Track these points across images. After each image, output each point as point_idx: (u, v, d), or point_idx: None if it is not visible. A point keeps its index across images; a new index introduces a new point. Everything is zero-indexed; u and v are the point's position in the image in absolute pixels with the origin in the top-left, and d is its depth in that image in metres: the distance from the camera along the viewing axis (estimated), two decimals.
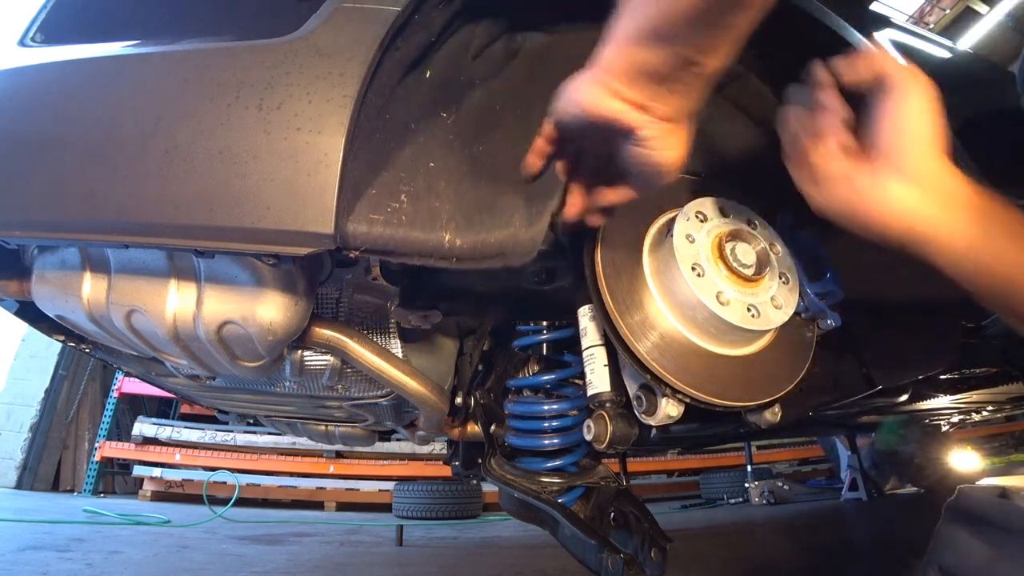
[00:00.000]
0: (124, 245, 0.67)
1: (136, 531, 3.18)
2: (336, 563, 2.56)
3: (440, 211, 0.74)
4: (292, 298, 0.80)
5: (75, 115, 0.68)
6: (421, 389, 1.03)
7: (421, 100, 0.83)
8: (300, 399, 1.29)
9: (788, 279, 0.86)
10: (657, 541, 1.11)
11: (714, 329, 0.80)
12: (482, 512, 4.72)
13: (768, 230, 0.89)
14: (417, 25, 0.74)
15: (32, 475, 5.20)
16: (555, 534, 1.23)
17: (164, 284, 0.80)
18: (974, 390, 1.90)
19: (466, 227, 0.75)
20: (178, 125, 0.63)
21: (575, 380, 1.16)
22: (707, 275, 0.79)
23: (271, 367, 0.96)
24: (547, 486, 1.14)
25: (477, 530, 3.94)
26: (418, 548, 3.05)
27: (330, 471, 5.12)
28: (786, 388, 0.86)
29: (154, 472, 4.98)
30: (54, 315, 0.89)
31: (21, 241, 0.78)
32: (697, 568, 2.25)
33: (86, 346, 1.16)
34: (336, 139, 0.62)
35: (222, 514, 3.96)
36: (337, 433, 1.77)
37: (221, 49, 0.68)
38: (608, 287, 0.82)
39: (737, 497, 5.01)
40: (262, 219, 0.61)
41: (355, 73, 0.64)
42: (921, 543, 0.69)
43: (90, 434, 5.49)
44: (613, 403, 0.88)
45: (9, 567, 2.09)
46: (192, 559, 2.47)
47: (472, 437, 1.43)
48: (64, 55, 0.76)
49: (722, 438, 2.69)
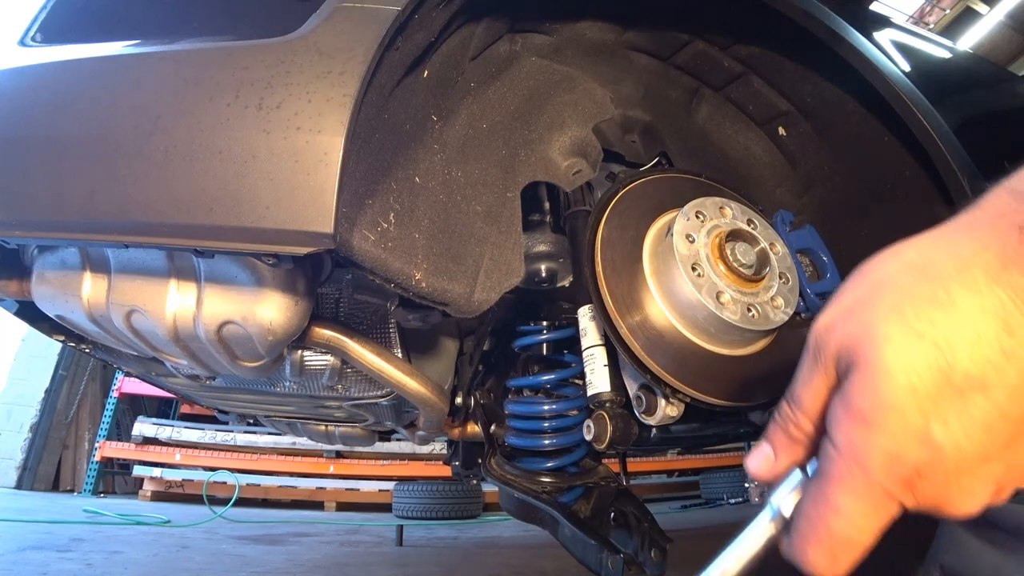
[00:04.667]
0: (124, 245, 0.67)
1: (136, 531, 3.18)
2: (336, 563, 2.56)
3: (417, 245, 0.79)
4: (292, 298, 0.80)
5: (75, 115, 0.68)
6: (421, 389, 1.03)
7: (417, 101, 0.83)
8: (300, 399, 1.29)
9: (788, 279, 0.86)
10: (657, 541, 1.11)
11: (714, 329, 0.80)
12: (482, 512, 4.71)
13: (768, 230, 0.89)
14: (417, 25, 0.74)
15: (32, 475, 5.19)
16: (555, 534, 1.23)
17: (164, 284, 0.80)
18: None
19: (434, 271, 0.80)
20: (178, 125, 0.63)
21: (575, 380, 1.16)
22: (707, 275, 0.79)
23: (271, 367, 0.96)
24: (547, 486, 1.14)
25: (477, 530, 3.94)
26: (418, 548, 3.05)
27: (330, 471, 5.12)
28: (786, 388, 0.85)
29: (154, 472, 4.98)
30: (54, 315, 0.89)
31: (21, 241, 0.78)
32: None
33: (86, 346, 1.16)
34: (336, 139, 0.62)
35: (222, 514, 3.96)
36: (337, 433, 1.77)
37: (221, 49, 0.68)
38: (608, 287, 0.82)
39: (737, 497, 5.00)
40: (261, 219, 0.61)
41: (355, 72, 0.64)
42: (922, 543, 0.69)
43: (90, 434, 5.49)
44: (613, 403, 0.88)
45: (9, 567, 2.09)
46: (192, 559, 2.47)
47: (472, 437, 1.43)
48: (64, 55, 0.76)
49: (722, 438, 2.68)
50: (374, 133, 0.72)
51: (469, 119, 0.96)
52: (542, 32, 1.12)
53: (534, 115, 1.04)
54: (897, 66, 0.99)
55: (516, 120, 1.02)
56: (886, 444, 0.35)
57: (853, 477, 0.36)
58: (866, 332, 0.36)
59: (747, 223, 0.87)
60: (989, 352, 0.34)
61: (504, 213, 0.94)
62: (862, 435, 0.36)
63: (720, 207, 0.87)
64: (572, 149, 1.05)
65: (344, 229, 0.65)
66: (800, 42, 0.98)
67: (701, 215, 0.84)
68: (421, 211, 0.81)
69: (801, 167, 1.15)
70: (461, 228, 0.87)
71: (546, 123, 1.04)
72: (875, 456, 0.35)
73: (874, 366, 0.36)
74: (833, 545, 0.38)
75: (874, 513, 0.37)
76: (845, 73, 0.97)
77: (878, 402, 0.35)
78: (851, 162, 1.07)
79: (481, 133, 0.97)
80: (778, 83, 1.11)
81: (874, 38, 1.03)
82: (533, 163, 1.00)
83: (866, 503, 0.36)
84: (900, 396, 0.35)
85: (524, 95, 1.05)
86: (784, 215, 0.94)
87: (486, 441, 1.25)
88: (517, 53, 1.10)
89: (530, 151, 1.01)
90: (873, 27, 1.11)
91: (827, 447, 0.38)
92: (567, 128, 1.05)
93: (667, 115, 1.20)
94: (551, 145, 1.04)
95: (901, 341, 0.35)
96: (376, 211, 0.73)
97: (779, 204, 1.14)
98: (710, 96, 1.20)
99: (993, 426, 0.34)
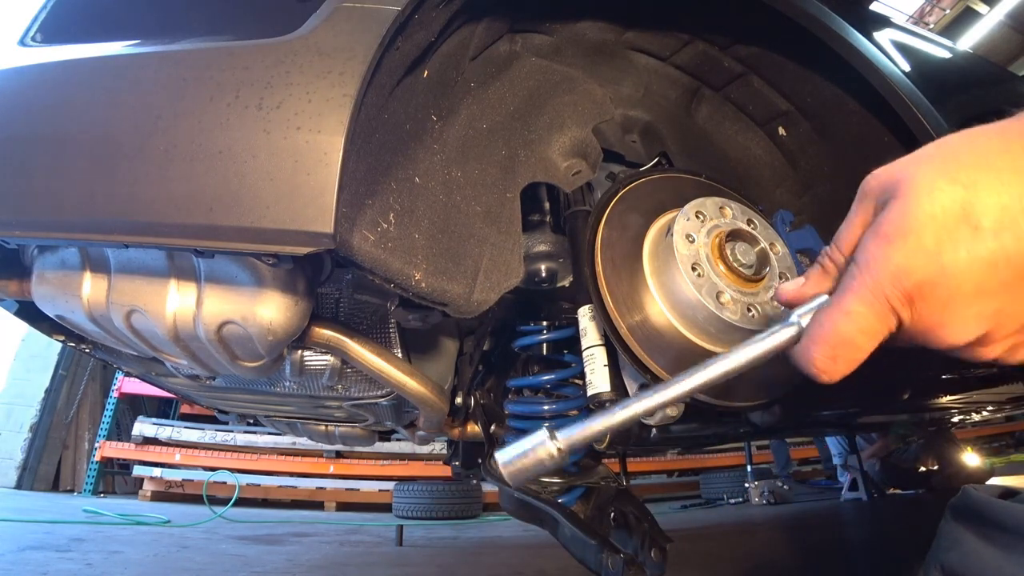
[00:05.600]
0: (124, 245, 0.67)
1: (136, 531, 3.18)
2: (336, 563, 2.56)
3: (417, 245, 0.79)
4: (292, 298, 0.80)
5: (75, 115, 0.68)
6: (421, 389, 1.03)
7: (417, 101, 0.83)
8: (300, 399, 1.29)
9: (788, 279, 0.86)
10: (657, 541, 1.11)
11: (714, 329, 0.80)
12: (482, 512, 4.71)
13: (768, 229, 0.89)
14: (417, 24, 0.74)
15: (32, 475, 5.19)
16: (555, 534, 1.23)
17: (164, 284, 0.80)
18: (974, 390, 1.90)
19: (433, 271, 0.80)
20: (178, 125, 0.63)
21: (575, 380, 1.16)
22: (707, 275, 0.79)
23: (271, 367, 0.96)
24: (547, 486, 1.14)
25: (477, 530, 3.94)
26: (418, 548, 3.05)
27: (330, 471, 5.12)
28: (786, 388, 0.85)
29: (154, 472, 4.98)
30: (54, 315, 0.89)
31: (21, 241, 0.78)
32: (697, 568, 2.24)
33: (86, 346, 1.16)
34: (336, 138, 0.62)
35: (222, 514, 3.96)
36: (337, 433, 1.77)
37: (221, 49, 0.68)
38: (608, 287, 0.82)
39: (737, 497, 5.00)
40: (261, 218, 0.61)
41: (355, 72, 0.63)
42: (922, 543, 0.69)
43: (90, 434, 5.49)
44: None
45: (9, 567, 2.08)
46: (192, 559, 2.47)
47: (472, 437, 1.43)
48: (64, 55, 0.76)
49: (722, 438, 2.68)
50: (374, 133, 0.72)
51: (469, 119, 0.96)
52: (542, 32, 1.12)
53: (534, 115, 1.04)
54: (897, 66, 0.99)
55: (516, 120, 1.02)
56: (899, 259, 0.40)
57: (864, 286, 0.42)
58: (905, 172, 0.42)
59: (747, 223, 0.87)
60: (1011, 203, 0.38)
61: (504, 213, 0.94)
62: (881, 251, 0.41)
63: (720, 207, 0.87)
64: (572, 150, 1.05)
65: (344, 229, 0.65)
66: (800, 42, 0.98)
67: (701, 215, 0.84)
68: (421, 211, 0.81)
69: (801, 167, 1.15)
70: (461, 228, 0.87)
71: (546, 123, 1.04)
72: (887, 268, 0.41)
73: (905, 197, 0.41)
74: (836, 345, 0.43)
75: (876, 321, 0.42)
76: (845, 73, 0.97)
77: (901, 224, 0.40)
78: (851, 162, 1.07)
79: (481, 133, 0.97)
80: (778, 83, 1.11)
81: (874, 38, 1.03)
82: (533, 163, 1.00)
83: (871, 310, 0.42)
84: (921, 221, 0.40)
85: (524, 95, 1.05)
86: (784, 215, 0.94)
87: (486, 441, 1.25)
88: (517, 53, 1.10)
89: (530, 151, 1.01)
90: (873, 27, 1.11)
91: (850, 267, 0.43)
92: (567, 128, 1.05)
93: (667, 115, 1.20)
94: (551, 145, 1.04)
95: (934, 180, 0.40)
96: (376, 211, 0.73)
97: (779, 204, 1.14)
98: (710, 96, 1.20)
99: (996, 264, 0.38)
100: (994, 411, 3.00)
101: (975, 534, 0.60)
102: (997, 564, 0.55)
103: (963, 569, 0.58)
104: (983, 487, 0.64)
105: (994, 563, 0.55)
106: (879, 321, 0.42)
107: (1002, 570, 0.54)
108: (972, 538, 0.59)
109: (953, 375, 1.51)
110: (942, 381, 1.62)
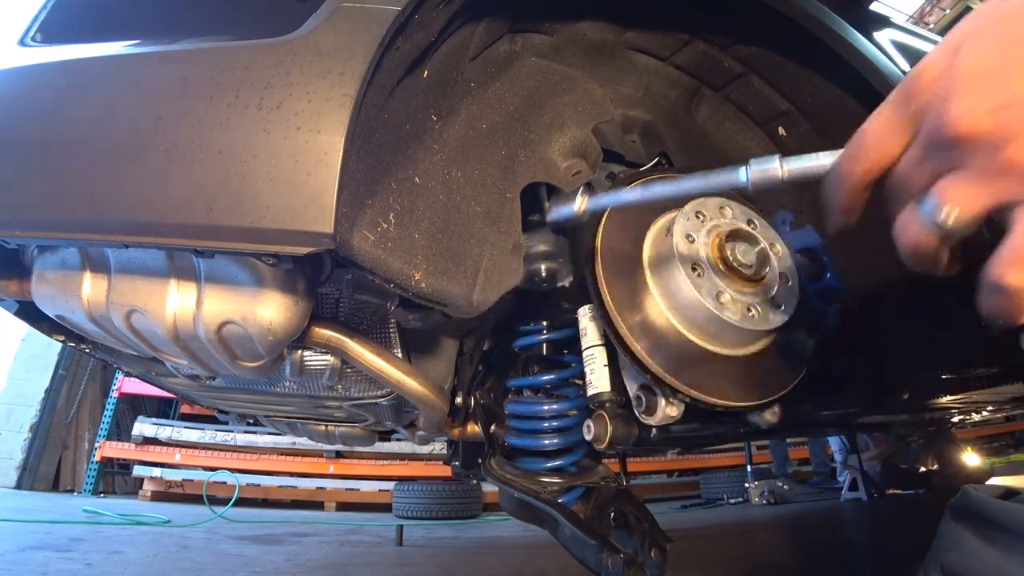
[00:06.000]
0: (124, 245, 0.67)
1: (136, 531, 3.18)
2: (336, 563, 2.56)
3: (417, 246, 0.78)
4: (292, 298, 0.80)
5: (75, 115, 0.68)
6: (421, 389, 1.03)
7: (417, 101, 0.83)
8: (300, 399, 1.29)
9: (788, 279, 0.86)
10: (657, 541, 1.11)
11: (714, 329, 0.80)
12: (482, 512, 4.71)
13: (768, 229, 0.89)
14: (417, 24, 0.74)
15: (32, 475, 5.19)
16: (555, 534, 1.23)
17: (164, 284, 0.80)
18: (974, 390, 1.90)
19: (433, 271, 0.80)
20: (177, 125, 0.63)
21: (575, 380, 1.16)
22: (707, 275, 0.79)
23: (271, 367, 0.96)
24: (547, 486, 1.14)
25: (477, 530, 3.94)
26: (418, 548, 3.05)
27: (330, 471, 5.12)
28: (786, 388, 0.85)
29: (154, 472, 4.98)
30: (54, 315, 0.89)
31: (21, 241, 0.78)
32: (697, 568, 2.25)
33: (86, 346, 1.16)
34: (336, 138, 0.62)
35: (222, 514, 3.96)
36: (337, 433, 1.77)
37: (221, 49, 0.68)
38: (608, 287, 0.82)
39: (737, 497, 5.01)
40: (261, 218, 0.61)
41: (355, 72, 0.64)
42: (922, 543, 0.69)
43: (90, 434, 5.49)
44: (613, 403, 0.88)
45: (9, 567, 2.09)
46: (192, 559, 2.47)
47: (472, 437, 1.43)
48: (64, 55, 0.76)
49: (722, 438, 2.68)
50: (374, 133, 0.72)
51: (469, 119, 0.96)
52: (542, 32, 1.12)
53: (534, 115, 1.04)
54: (897, 66, 0.99)
55: (516, 120, 1.02)
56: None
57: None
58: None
59: (747, 223, 0.87)
60: None
61: (504, 214, 0.94)
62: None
63: (720, 207, 0.87)
64: (572, 150, 1.05)
65: (344, 229, 0.65)
66: (800, 42, 0.98)
67: (701, 215, 0.84)
68: (421, 211, 0.81)
69: None
70: (461, 228, 0.87)
71: (546, 124, 1.04)
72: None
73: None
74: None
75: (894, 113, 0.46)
76: (845, 73, 0.97)
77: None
78: None
79: (481, 133, 0.97)
80: (778, 83, 1.11)
81: (874, 38, 1.03)
82: (533, 164, 1.00)
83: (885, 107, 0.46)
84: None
85: (524, 95, 1.05)
86: (784, 215, 0.94)
87: (486, 441, 1.25)
88: (517, 53, 1.10)
89: (530, 152, 1.01)
90: (873, 27, 1.11)
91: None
92: (567, 129, 1.05)
93: (667, 115, 1.20)
94: (551, 146, 1.04)
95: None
96: (376, 211, 0.73)
97: (779, 204, 1.14)
98: (710, 96, 1.20)
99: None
100: (994, 411, 3.00)
101: (975, 534, 0.60)
102: (997, 564, 0.55)
103: (963, 569, 0.58)
104: (983, 487, 0.64)
105: (994, 563, 0.55)
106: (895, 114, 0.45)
107: (1002, 570, 0.54)
108: (972, 538, 0.59)
109: (953, 375, 1.51)
110: (942, 381, 1.62)
